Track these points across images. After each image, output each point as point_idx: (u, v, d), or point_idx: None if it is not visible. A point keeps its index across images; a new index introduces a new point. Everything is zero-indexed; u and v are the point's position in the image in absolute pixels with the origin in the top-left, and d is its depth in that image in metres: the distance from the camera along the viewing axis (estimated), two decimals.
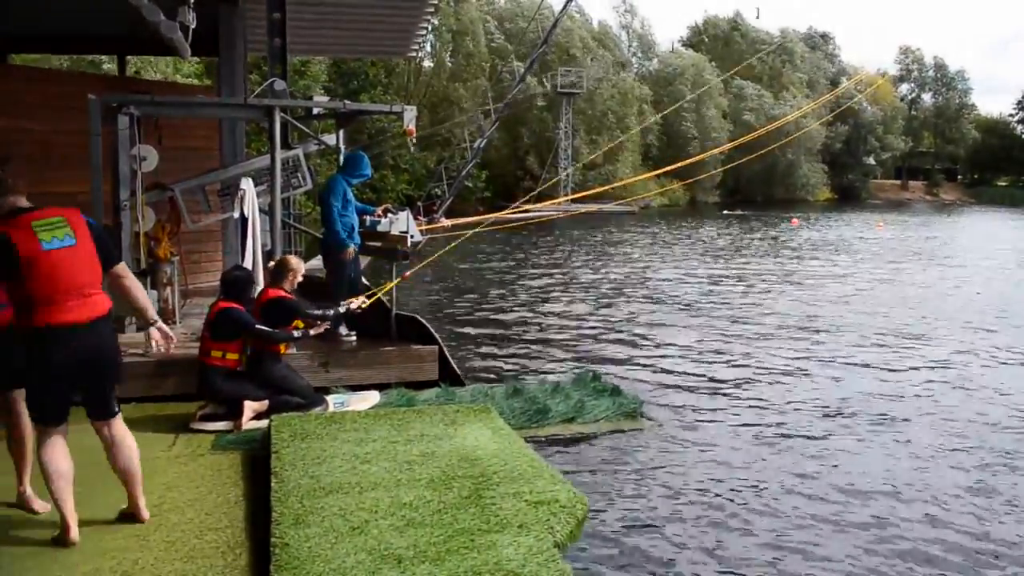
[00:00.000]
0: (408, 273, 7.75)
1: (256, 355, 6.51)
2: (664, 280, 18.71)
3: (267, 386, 6.43)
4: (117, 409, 4.35)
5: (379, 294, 7.47)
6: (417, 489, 4.59)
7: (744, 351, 10.82)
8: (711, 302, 15.24)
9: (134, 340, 7.54)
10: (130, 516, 4.49)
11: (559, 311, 14.30)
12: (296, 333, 6.54)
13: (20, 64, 14.67)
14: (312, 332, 6.61)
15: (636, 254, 25.27)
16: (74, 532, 4.17)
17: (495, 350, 11.02)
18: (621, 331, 12.36)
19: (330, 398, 6.80)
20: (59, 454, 4.15)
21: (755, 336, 11.87)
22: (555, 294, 16.46)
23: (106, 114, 7.24)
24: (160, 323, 4.43)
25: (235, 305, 6.39)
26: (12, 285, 4.00)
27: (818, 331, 12.30)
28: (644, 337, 11.85)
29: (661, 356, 10.54)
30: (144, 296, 4.42)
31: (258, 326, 6.33)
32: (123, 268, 4.30)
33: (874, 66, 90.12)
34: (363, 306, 7.03)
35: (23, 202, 4.08)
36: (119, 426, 4.36)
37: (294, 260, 6.85)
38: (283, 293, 6.62)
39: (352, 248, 7.71)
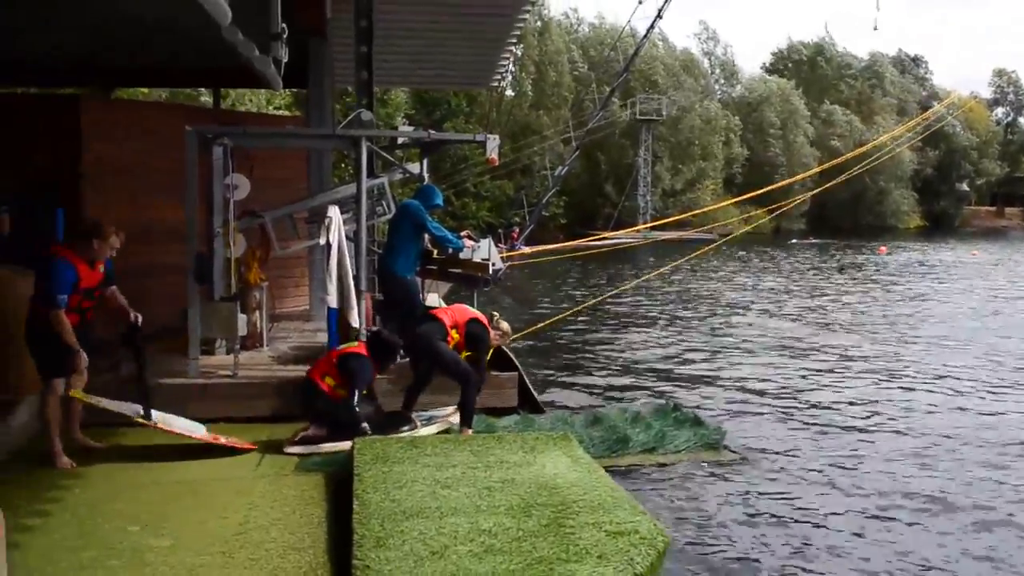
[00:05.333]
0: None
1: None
2: (744, 309, 18.37)
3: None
4: None
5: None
6: (496, 516, 4.57)
7: (830, 382, 10.53)
8: (795, 332, 14.88)
9: (224, 362, 7.78)
10: None
11: (639, 339, 14.17)
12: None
13: (124, 98, 15.38)
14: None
15: (716, 282, 24.91)
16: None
17: (575, 378, 10.98)
18: (702, 361, 12.17)
19: (419, 416, 6.88)
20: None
21: (841, 367, 11.54)
22: (635, 322, 16.32)
23: (202, 144, 7.52)
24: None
25: (367, 356, 6.58)
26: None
27: (908, 363, 11.88)
28: (726, 367, 11.64)
29: (744, 387, 10.33)
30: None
31: (356, 392, 6.41)
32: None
33: (967, 89, 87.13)
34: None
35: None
36: None
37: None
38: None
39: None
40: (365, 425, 6.35)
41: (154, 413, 5.98)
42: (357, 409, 6.40)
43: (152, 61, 11.58)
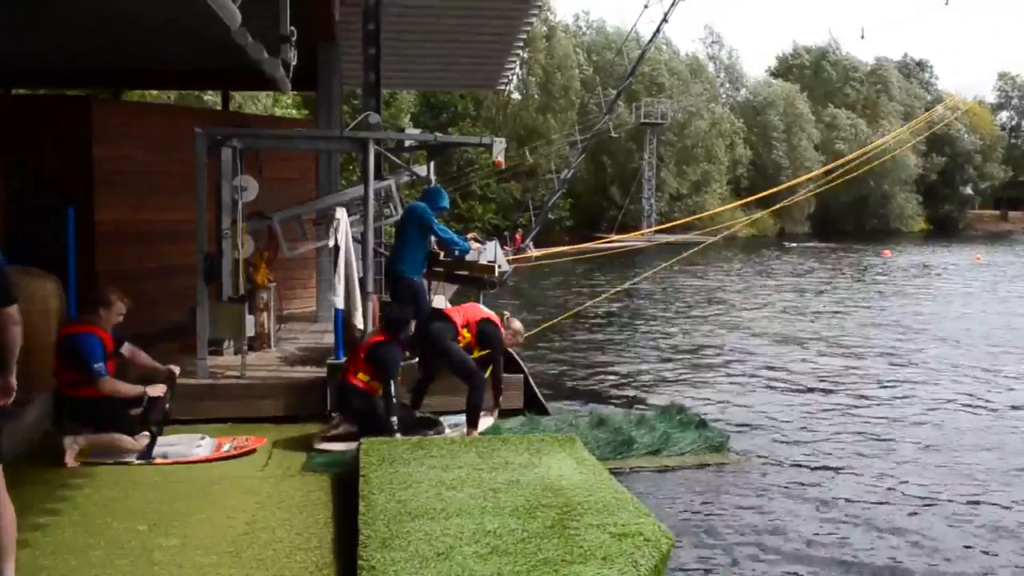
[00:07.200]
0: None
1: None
2: (749, 312, 18.37)
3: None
4: None
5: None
6: (501, 517, 4.60)
7: (835, 385, 10.54)
8: (799, 334, 14.88)
9: (231, 363, 7.83)
10: None
11: (644, 341, 14.19)
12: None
13: (133, 99, 15.48)
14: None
15: (719, 285, 24.90)
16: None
17: (580, 380, 11.00)
18: (707, 363, 12.19)
19: (446, 420, 6.90)
20: None
21: (846, 370, 11.54)
22: (640, 324, 16.34)
23: (211, 146, 7.57)
24: (10, 379, 3.73)
25: (391, 342, 6.59)
26: None
27: (914, 366, 11.88)
28: (730, 370, 11.66)
29: (748, 390, 10.35)
30: (16, 347, 3.72)
31: (391, 380, 6.42)
32: (14, 311, 3.67)
33: (971, 93, 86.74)
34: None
35: None
36: None
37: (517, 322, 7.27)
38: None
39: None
40: (395, 419, 6.34)
41: (154, 449, 5.97)
42: (394, 400, 6.40)
43: (161, 63, 11.69)
